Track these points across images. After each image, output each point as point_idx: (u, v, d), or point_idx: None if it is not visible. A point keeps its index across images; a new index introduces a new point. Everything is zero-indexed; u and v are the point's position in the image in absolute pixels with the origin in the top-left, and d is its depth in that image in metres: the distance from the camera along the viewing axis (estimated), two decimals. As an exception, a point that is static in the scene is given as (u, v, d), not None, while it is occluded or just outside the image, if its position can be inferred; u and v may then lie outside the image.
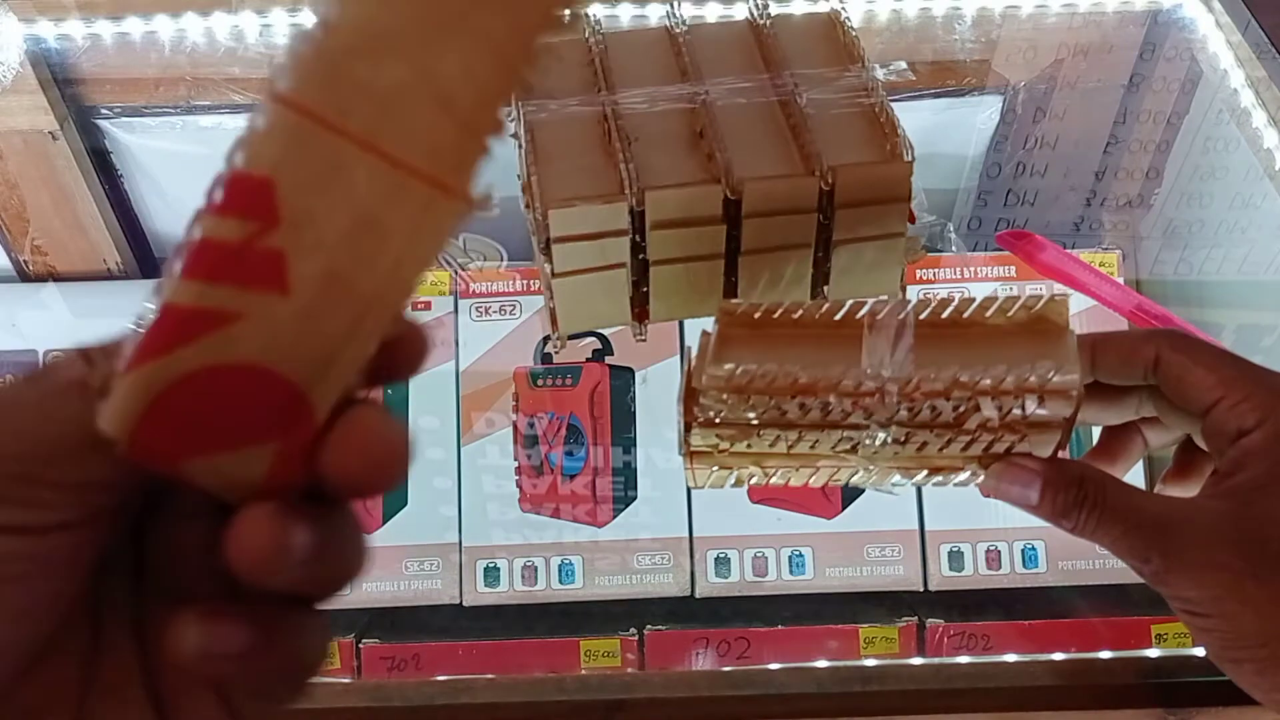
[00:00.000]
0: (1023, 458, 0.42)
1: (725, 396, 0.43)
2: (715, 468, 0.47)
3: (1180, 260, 0.88)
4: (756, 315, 0.47)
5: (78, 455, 0.22)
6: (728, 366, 0.43)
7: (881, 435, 0.43)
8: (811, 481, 0.47)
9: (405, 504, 0.84)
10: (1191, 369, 0.41)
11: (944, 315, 0.45)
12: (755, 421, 0.44)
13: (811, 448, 0.45)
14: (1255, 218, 0.80)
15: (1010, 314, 0.45)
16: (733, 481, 0.48)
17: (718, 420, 0.44)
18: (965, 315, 0.45)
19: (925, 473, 0.46)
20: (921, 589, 0.80)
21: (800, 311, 0.46)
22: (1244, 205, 0.81)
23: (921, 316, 0.45)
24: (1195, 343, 0.42)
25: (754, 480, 0.48)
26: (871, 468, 0.46)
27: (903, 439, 0.43)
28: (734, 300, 0.52)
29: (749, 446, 0.45)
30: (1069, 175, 0.92)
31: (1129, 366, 0.43)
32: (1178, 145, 0.87)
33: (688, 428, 0.45)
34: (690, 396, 0.44)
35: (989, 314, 0.45)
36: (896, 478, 0.46)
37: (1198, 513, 0.39)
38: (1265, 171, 0.76)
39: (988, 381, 0.41)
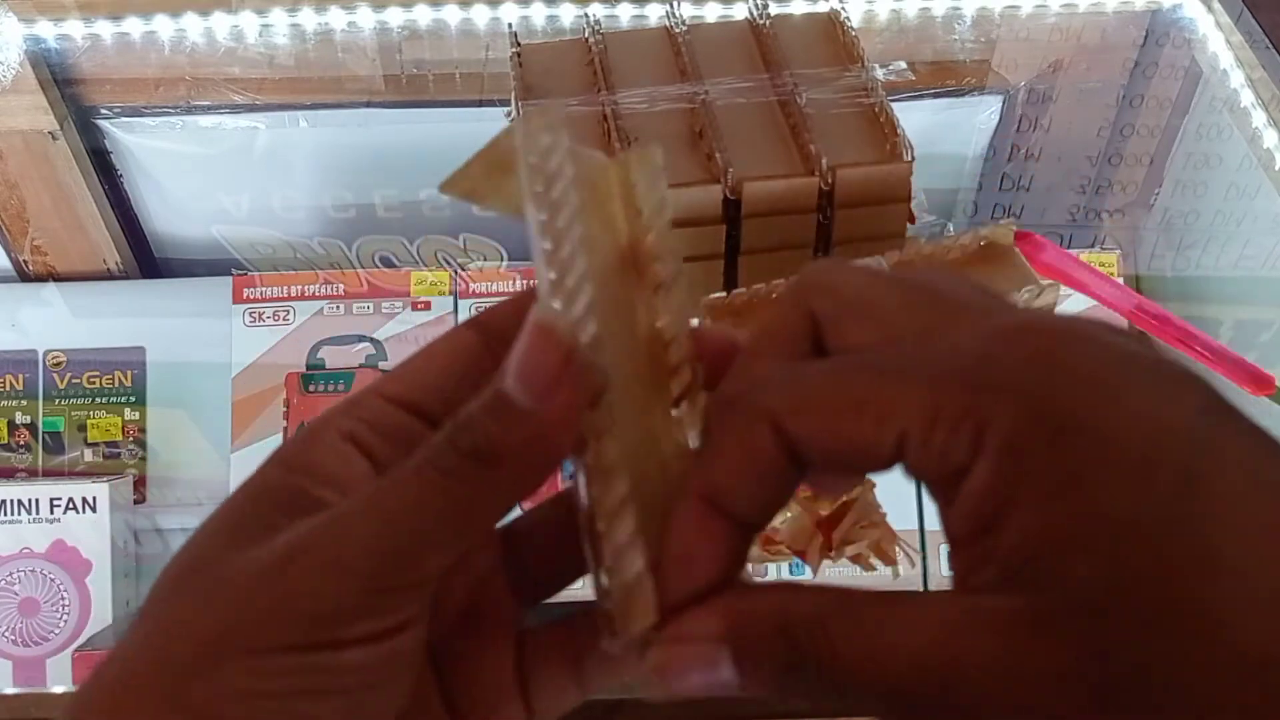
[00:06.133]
0: (697, 618, 0.23)
1: None
2: None
3: (1178, 256, 0.88)
4: (739, 303, 0.48)
5: (422, 555, 0.23)
6: None
7: None
8: None
9: (405, 504, 0.84)
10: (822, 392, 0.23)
11: (907, 259, 0.48)
12: None
13: None
14: (1253, 215, 0.80)
15: (964, 243, 0.49)
16: None
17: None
18: (927, 253, 0.49)
19: None
20: (921, 589, 0.80)
21: (779, 291, 0.47)
22: (1242, 203, 0.81)
23: (889, 265, 0.48)
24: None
25: None
26: None
27: None
28: (714, 295, 0.52)
29: None
30: (1068, 174, 0.92)
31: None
32: (1177, 144, 0.87)
33: None
34: None
35: (946, 246, 0.49)
36: None
37: (1004, 647, 0.20)
38: (1264, 170, 0.76)
39: None
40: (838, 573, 0.80)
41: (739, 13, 0.64)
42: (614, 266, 0.26)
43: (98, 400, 0.88)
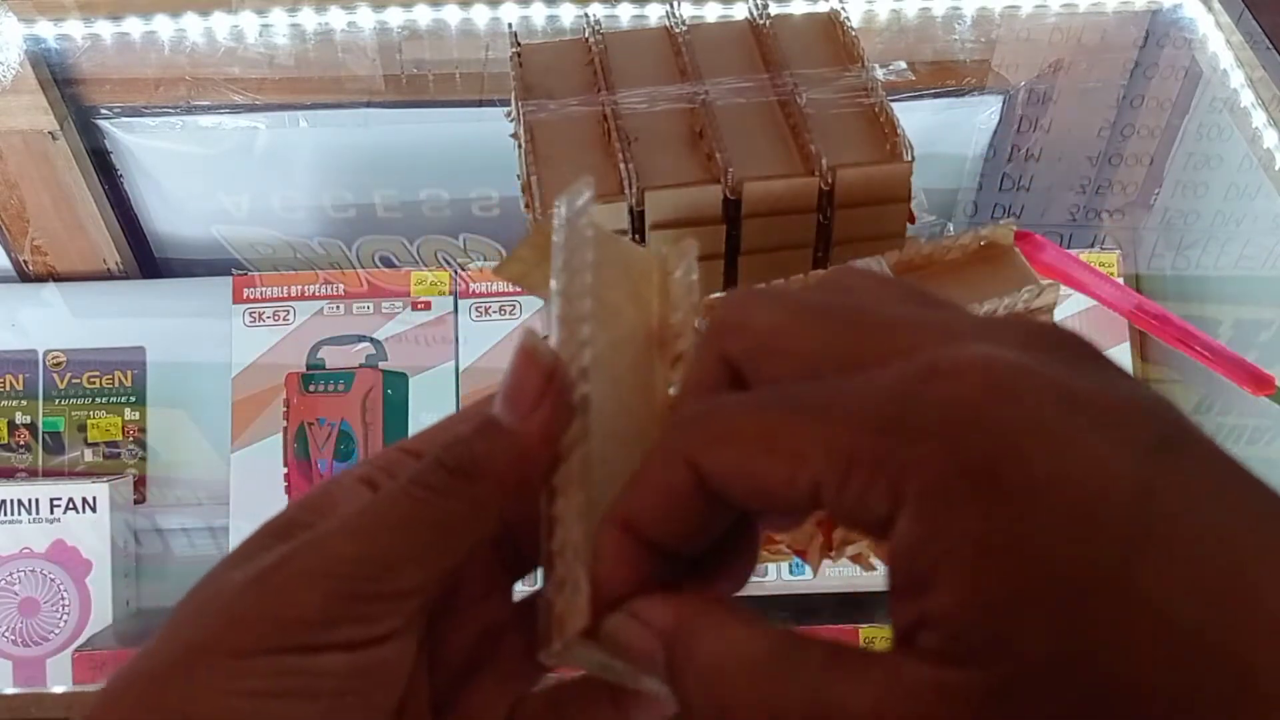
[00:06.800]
0: (651, 603, 0.23)
1: None
2: None
3: (1178, 256, 0.88)
4: None
5: (401, 567, 0.24)
6: None
7: None
8: None
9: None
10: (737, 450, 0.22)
11: (907, 259, 0.48)
12: None
13: None
14: (1253, 215, 0.80)
15: (964, 243, 0.49)
16: None
17: None
18: (926, 253, 0.49)
19: None
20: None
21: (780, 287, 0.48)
22: (1242, 203, 0.81)
23: (889, 265, 0.48)
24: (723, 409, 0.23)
25: None
26: None
27: None
28: (713, 295, 0.52)
29: None
30: (1069, 174, 0.92)
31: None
32: (1177, 144, 0.87)
33: None
34: None
35: (946, 247, 0.49)
36: None
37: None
38: (1264, 170, 0.77)
39: (983, 315, 0.43)
40: (838, 572, 0.80)
41: (739, 13, 0.64)
42: (640, 340, 0.28)
43: (98, 400, 0.88)
